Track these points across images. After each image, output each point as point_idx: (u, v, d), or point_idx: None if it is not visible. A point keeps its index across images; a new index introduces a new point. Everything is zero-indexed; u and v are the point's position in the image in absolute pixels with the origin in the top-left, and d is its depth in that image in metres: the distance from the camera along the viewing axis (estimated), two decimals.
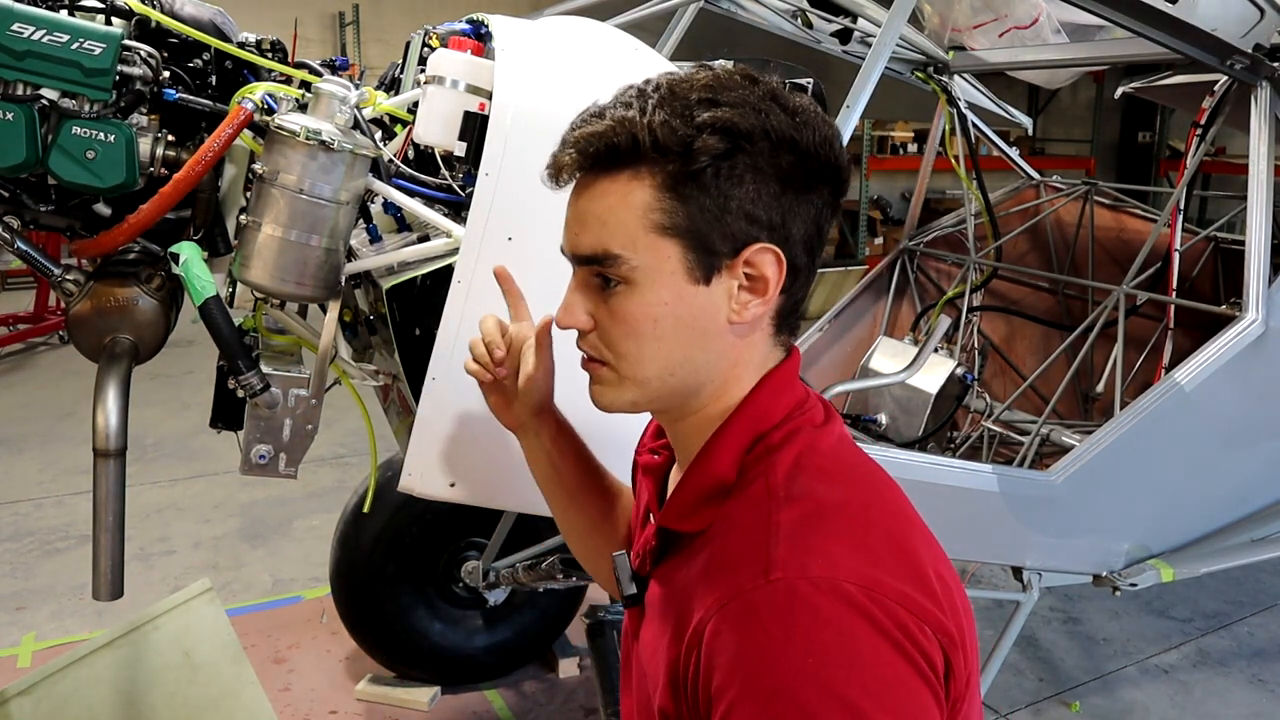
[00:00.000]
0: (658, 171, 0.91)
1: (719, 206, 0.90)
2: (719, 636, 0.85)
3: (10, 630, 3.49)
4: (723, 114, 0.89)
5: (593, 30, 1.92)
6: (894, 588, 0.85)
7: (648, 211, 0.91)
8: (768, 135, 0.90)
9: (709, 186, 0.90)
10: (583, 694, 3.20)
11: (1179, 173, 3.38)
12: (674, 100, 0.91)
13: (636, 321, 0.95)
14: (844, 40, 3.40)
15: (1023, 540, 2.45)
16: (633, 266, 0.93)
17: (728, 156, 0.89)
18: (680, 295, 0.93)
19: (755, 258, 0.93)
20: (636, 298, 0.94)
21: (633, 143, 0.90)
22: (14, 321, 7.18)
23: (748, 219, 0.91)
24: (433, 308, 1.57)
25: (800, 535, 0.88)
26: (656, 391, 0.99)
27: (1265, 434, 2.71)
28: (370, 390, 1.86)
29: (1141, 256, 3.13)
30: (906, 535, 0.92)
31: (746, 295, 0.94)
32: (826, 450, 0.97)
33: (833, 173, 0.95)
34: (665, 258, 0.92)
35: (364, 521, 3.00)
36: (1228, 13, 2.56)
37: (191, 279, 1.52)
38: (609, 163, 0.92)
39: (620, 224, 0.92)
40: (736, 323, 0.95)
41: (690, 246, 0.92)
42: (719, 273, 0.93)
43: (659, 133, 0.89)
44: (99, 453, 1.52)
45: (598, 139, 0.92)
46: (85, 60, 1.44)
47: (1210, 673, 3.45)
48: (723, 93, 0.91)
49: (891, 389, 3.31)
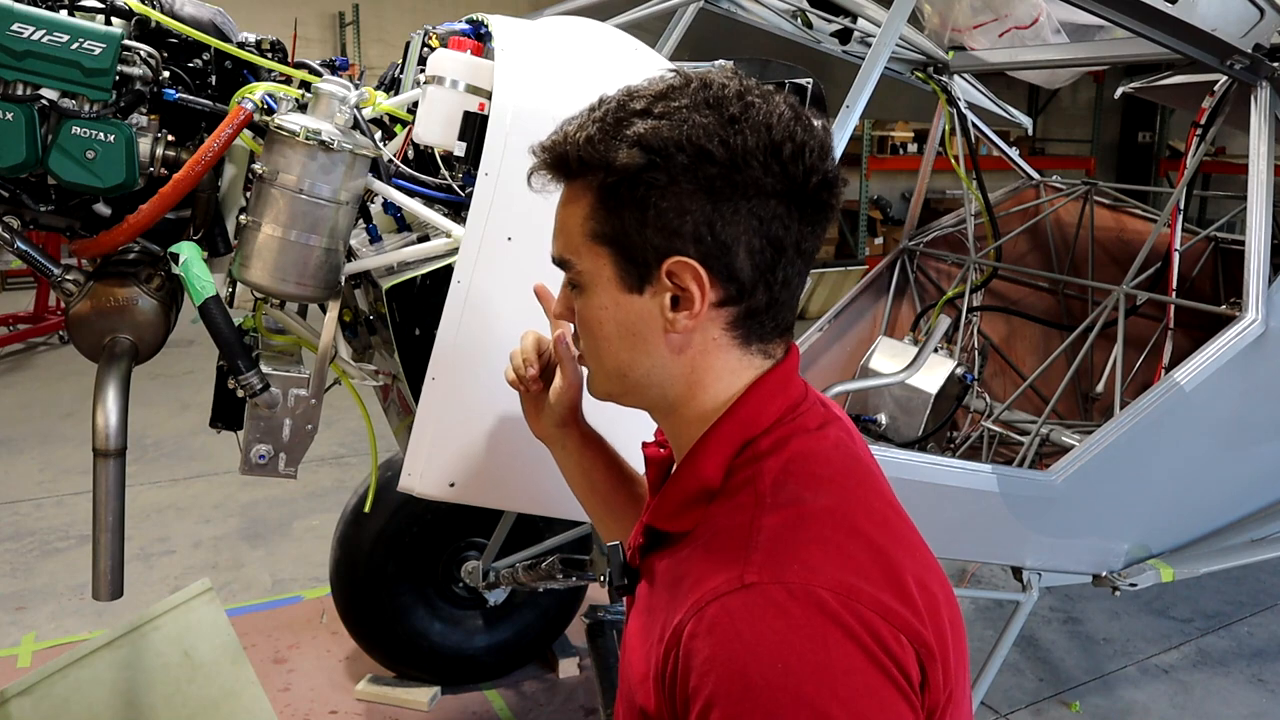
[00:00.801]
0: (593, 183, 0.94)
1: (638, 220, 0.92)
2: (695, 638, 0.85)
3: (10, 630, 3.49)
4: (645, 127, 0.91)
5: (593, 30, 1.92)
6: (871, 596, 0.85)
7: (586, 220, 0.96)
8: (683, 148, 0.90)
9: (628, 200, 0.92)
10: (583, 694, 3.20)
11: (1179, 173, 3.38)
12: (617, 113, 0.94)
13: (587, 323, 1.01)
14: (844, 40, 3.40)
15: (1023, 540, 2.45)
16: (579, 271, 0.99)
17: (644, 170, 0.91)
18: (617, 302, 0.97)
19: (674, 269, 0.93)
20: (585, 300, 1.00)
21: (565, 158, 0.96)
22: (14, 321, 7.18)
23: (667, 232, 0.92)
24: (432, 308, 1.57)
25: (780, 541, 0.88)
26: (620, 387, 1.03)
27: (1265, 434, 2.71)
28: (370, 390, 1.86)
29: (1141, 256, 3.13)
30: (890, 544, 0.92)
31: (676, 308, 0.95)
32: (818, 456, 0.97)
33: (782, 180, 0.92)
34: (601, 265, 0.97)
35: (364, 521, 3.00)
36: (1228, 13, 2.56)
37: (191, 279, 1.52)
38: (559, 172, 0.98)
39: (569, 231, 0.98)
40: (671, 333, 0.96)
41: (620, 256, 0.95)
42: (650, 284, 0.95)
43: (582, 150, 0.94)
44: (99, 453, 1.52)
45: (546, 152, 0.98)
46: (85, 60, 1.44)
47: (1210, 673, 3.45)
48: (661, 102, 0.93)
49: (891, 389, 3.31)
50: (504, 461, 1.66)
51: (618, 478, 1.36)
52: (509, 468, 1.66)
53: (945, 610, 0.92)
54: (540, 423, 1.32)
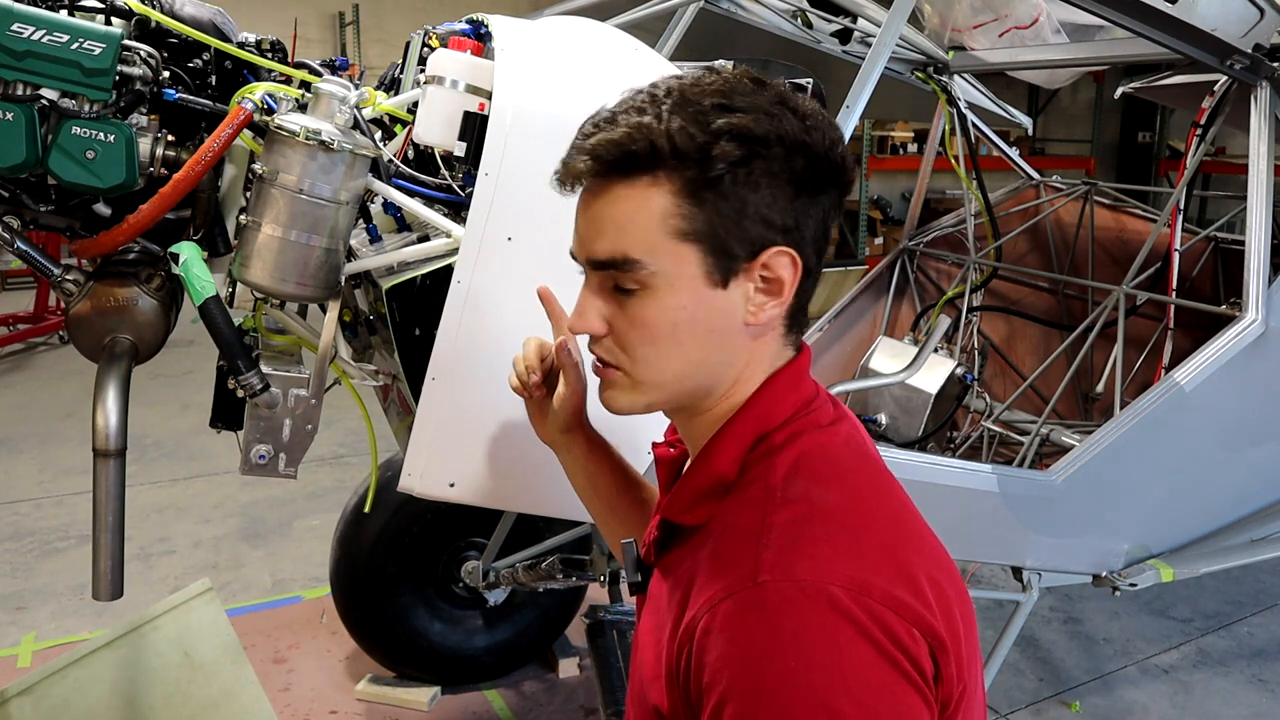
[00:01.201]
0: (676, 177, 0.91)
1: (736, 211, 0.91)
2: (709, 635, 0.86)
3: (10, 630, 3.49)
4: (738, 120, 0.90)
5: (592, 30, 1.92)
6: (882, 590, 0.85)
7: (666, 217, 0.92)
8: (782, 140, 0.91)
9: (726, 192, 0.91)
10: (583, 694, 3.20)
11: (1179, 173, 3.37)
12: (687, 106, 0.92)
13: (655, 326, 0.95)
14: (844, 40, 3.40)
15: (1023, 540, 2.45)
16: (652, 272, 0.93)
17: (744, 162, 0.90)
18: (699, 299, 0.94)
19: (772, 260, 0.94)
20: (655, 303, 0.94)
21: (651, 149, 0.91)
22: (14, 321, 7.18)
23: (764, 223, 0.92)
24: (432, 308, 1.57)
25: (791, 538, 0.88)
26: (672, 394, 1.00)
27: (1265, 434, 2.71)
28: (370, 390, 1.86)
29: (1141, 256, 3.13)
30: (901, 539, 0.93)
31: (763, 297, 0.96)
32: (829, 452, 0.98)
33: (840, 174, 0.97)
34: (684, 263, 0.93)
35: (364, 521, 3.00)
36: (1228, 13, 2.56)
37: (191, 279, 1.52)
38: (626, 168, 0.92)
39: (639, 229, 0.93)
40: (752, 324, 0.97)
41: (709, 251, 0.93)
42: (736, 276, 0.94)
43: (677, 139, 0.90)
44: (99, 453, 1.52)
45: (615, 146, 0.92)
46: (85, 60, 1.44)
47: (1210, 673, 3.45)
48: (735, 98, 0.92)
49: (891, 389, 3.31)
50: (504, 462, 1.66)
51: (623, 482, 1.36)
52: (509, 468, 1.66)
53: (957, 605, 0.92)
54: (546, 428, 1.32)
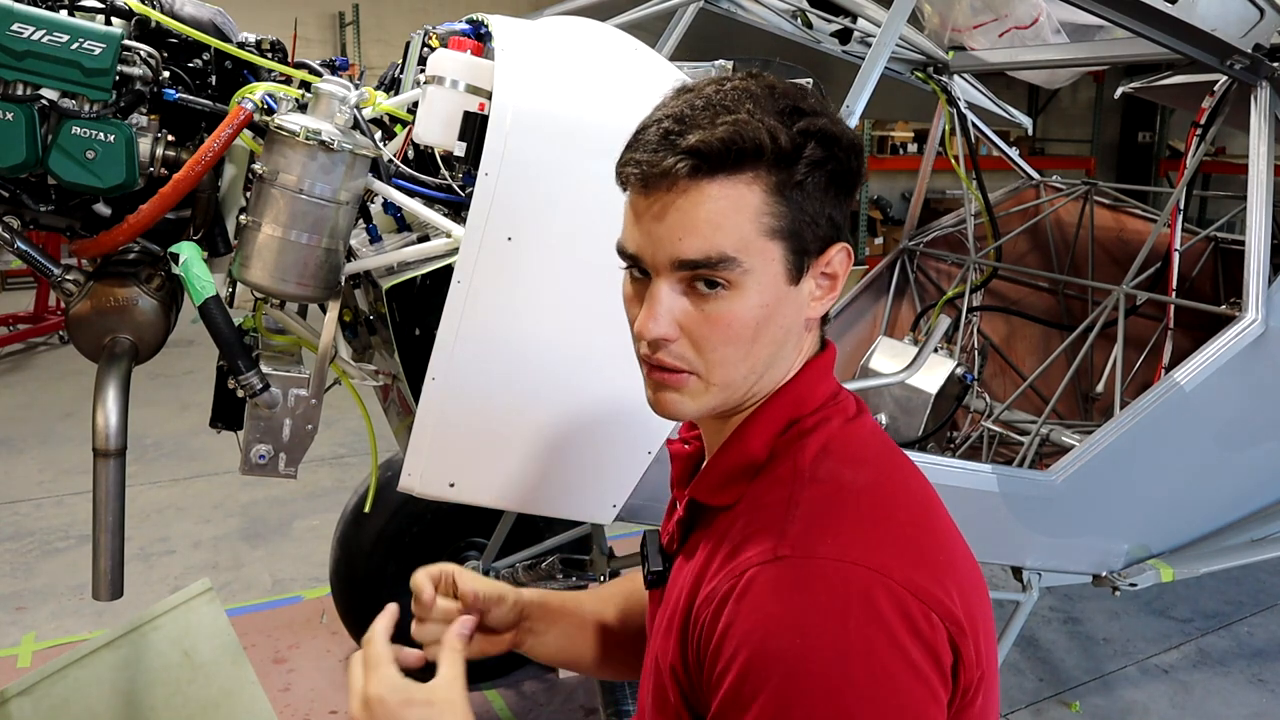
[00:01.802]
0: (770, 176, 0.92)
1: (815, 210, 0.95)
2: (725, 602, 0.88)
3: (10, 630, 3.49)
4: (819, 123, 0.94)
5: (592, 30, 1.92)
6: (903, 574, 0.86)
7: (759, 215, 0.92)
8: (851, 144, 0.96)
9: (810, 191, 0.94)
10: (583, 694, 3.20)
11: (1179, 173, 3.37)
12: (768, 107, 0.93)
13: (739, 325, 0.94)
14: (844, 40, 3.40)
15: (1023, 540, 2.45)
16: (744, 270, 0.93)
17: (824, 164, 0.94)
18: (779, 297, 0.96)
19: (835, 256, 0.98)
20: (740, 301, 0.94)
21: (756, 148, 0.91)
22: (14, 321, 7.17)
23: (830, 221, 0.97)
24: (433, 308, 1.57)
25: (816, 516, 0.90)
26: (737, 394, 0.99)
27: (1265, 434, 2.71)
28: (370, 390, 1.86)
29: (1141, 256, 3.13)
30: (925, 525, 0.94)
31: (820, 291, 1.00)
32: (857, 439, 1.01)
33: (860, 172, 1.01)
34: (771, 260, 0.94)
35: (364, 521, 3.00)
36: (1228, 13, 2.56)
37: (191, 279, 1.52)
38: (728, 166, 0.91)
39: (735, 227, 0.92)
40: (810, 318, 1.01)
41: (791, 249, 0.95)
42: (806, 273, 0.97)
43: (781, 139, 0.91)
44: (99, 453, 1.52)
45: (722, 144, 0.90)
46: (85, 60, 1.44)
47: (1210, 673, 3.45)
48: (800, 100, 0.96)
49: (891, 389, 3.31)
50: (504, 462, 1.66)
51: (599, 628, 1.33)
52: (509, 468, 1.66)
53: (975, 593, 0.94)
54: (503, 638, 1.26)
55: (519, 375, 1.62)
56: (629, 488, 1.74)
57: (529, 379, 1.62)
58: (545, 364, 1.61)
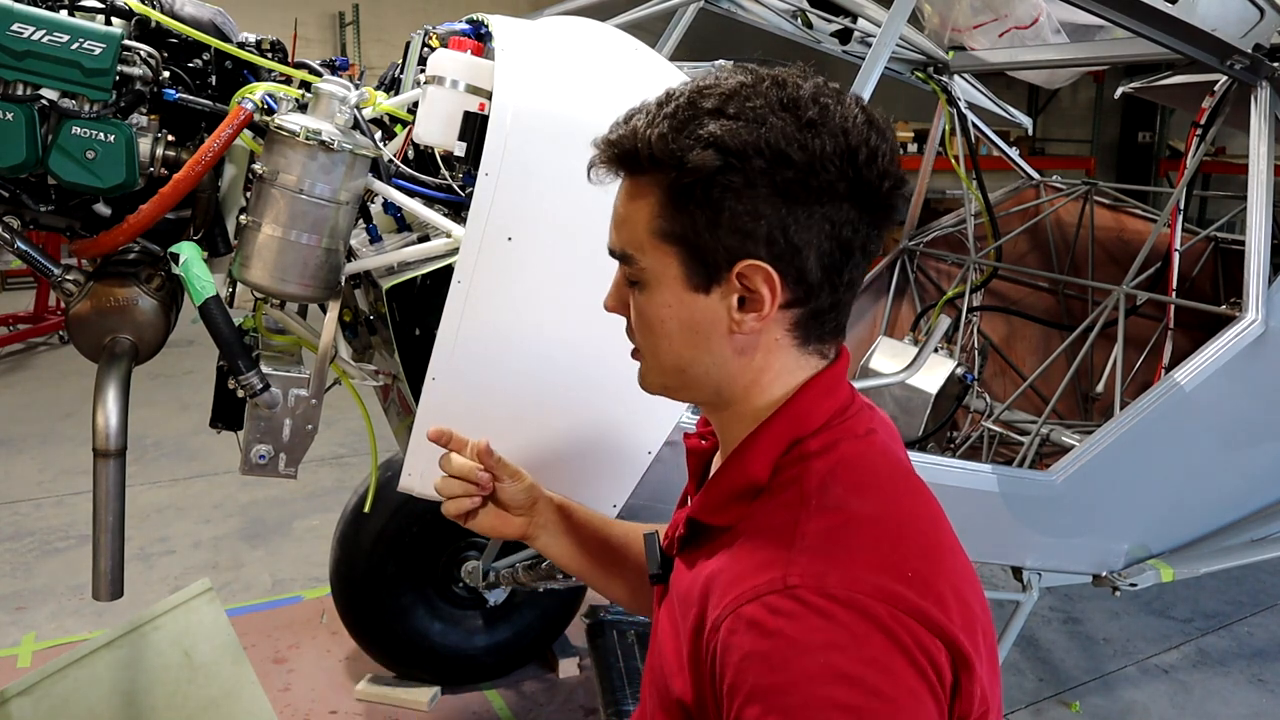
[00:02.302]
0: (662, 180, 0.93)
1: (710, 221, 0.91)
2: (734, 635, 0.86)
3: (10, 630, 3.49)
4: (720, 127, 0.89)
5: (592, 30, 1.92)
6: (912, 604, 0.85)
7: (653, 217, 0.95)
8: (761, 152, 0.88)
9: (701, 200, 0.91)
10: (583, 694, 3.20)
11: (1179, 173, 3.37)
12: (687, 110, 0.92)
13: (652, 319, 0.99)
14: (844, 40, 3.40)
15: (1023, 540, 2.45)
16: (642, 268, 0.97)
17: (720, 172, 0.89)
18: (681, 300, 0.96)
19: (746, 271, 0.92)
20: (647, 297, 0.98)
21: (634, 154, 0.94)
22: (14, 321, 7.17)
23: (740, 234, 0.91)
24: (433, 308, 1.57)
25: (825, 546, 0.88)
26: (677, 382, 1.02)
27: (1265, 434, 2.71)
28: (370, 390, 1.86)
29: (1141, 256, 3.13)
30: (933, 555, 0.92)
31: (743, 310, 0.95)
32: (865, 461, 0.98)
33: (856, 184, 0.91)
34: (667, 264, 0.95)
35: (364, 521, 3.00)
36: (1228, 13, 2.56)
37: (191, 279, 1.52)
38: (627, 166, 0.96)
39: (634, 226, 0.96)
40: (736, 334, 0.96)
41: (688, 255, 0.94)
42: (719, 284, 0.94)
43: (654, 147, 0.92)
44: (99, 453, 1.52)
45: (613, 146, 0.96)
46: (85, 60, 1.44)
47: (1210, 673, 3.45)
48: (734, 102, 0.91)
49: (891, 389, 3.31)
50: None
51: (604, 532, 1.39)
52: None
53: (980, 624, 0.92)
54: (512, 521, 1.32)
55: (519, 375, 1.62)
56: (629, 488, 1.74)
57: (529, 379, 1.62)
58: (545, 364, 1.61)
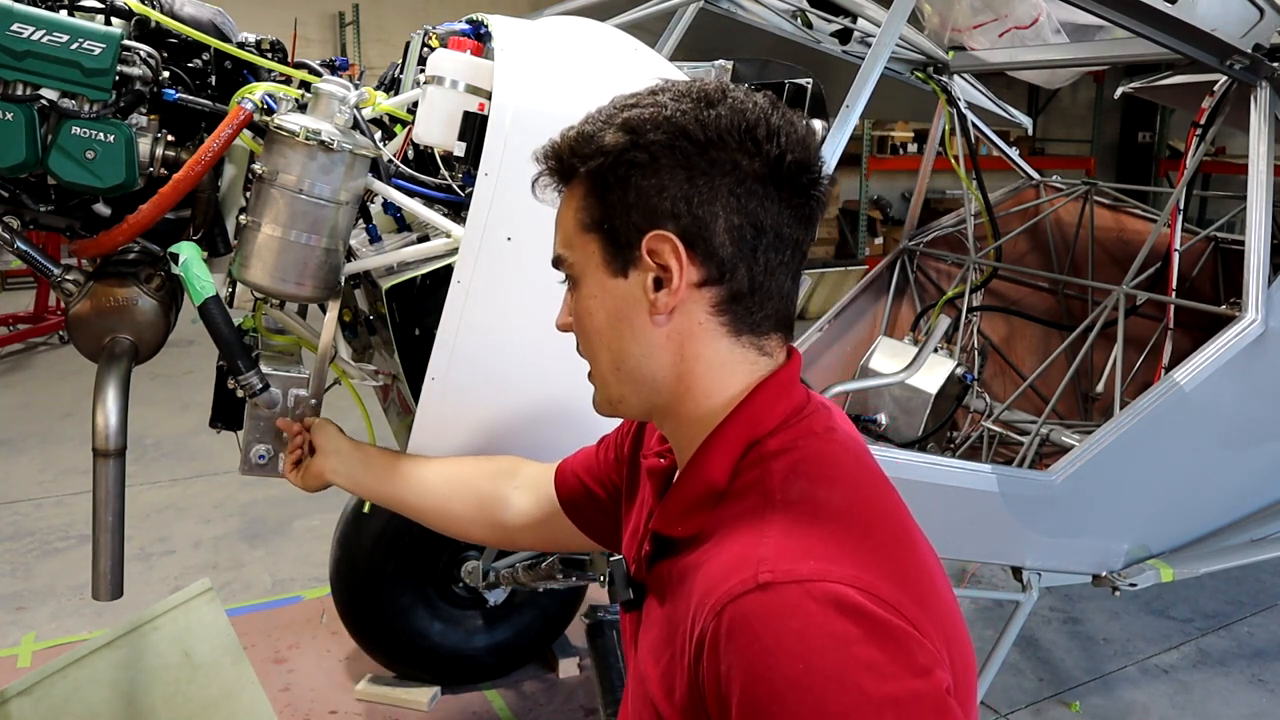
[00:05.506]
0: (582, 175, 0.97)
1: (623, 200, 0.95)
2: (718, 644, 0.84)
3: (10, 630, 3.49)
4: (630, 114, 0.95)
5: (592, 30, 1.92)
6: (888, 590, 0.84)
7: (577, 212, 0.99)
8: (660, 126, 0.93)
9: (613, 182, 0.95)
10: (583, 694, 3.20)
11: (1179, 173, 3.37)
12: (608, 110, 0.98)
13: (584, 318, 1.02)
14: (844, 40, 3.40)
15: (1023, 540, 2.45)
16: (571, 264, 1.01)
17: (626, 150, 0.94)
18: (604, 288, 0.99)
19: (653, 244, 0.95)
20: (578, 294, 1.02)
21: (559, 155, 0.99)
22: (14, 321, 7.18)
23: (647, 210, 0.94)
24: (432, 308, 1.57)
25: (792, 538, 0.87)
26: (617, 390, 1.03)
27: (1265, 434, 2.71)
28: (370, 390, 1.86)
29: (1141, 256, 3.13)
30: (901, 544, 0.92)
31: (656, 286, 0.96)
32: (826, 457, 0.97)
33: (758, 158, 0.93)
34: (590, 253, 0.99)
35: (364, 521, 3.00)
36: (1228, 13, 2.57)
37: (191, 279, 1.52)
38: (561, 173, 1.00)
39: (564, 227, 1.01)
40: (655, 314, 0.97)
41: (606, 240, 0.97)
42: (634, 265, 0.97)
43: (574, 142, 0.97)
44: (99, 453, 1.52)
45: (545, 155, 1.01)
46: (85, 60, 1.44)
47: (1210, 673, 3.45)
48: (648, 97, 0.97)
49: (891, 389, 3.31)
50: None
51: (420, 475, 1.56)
52: None
53: (950, 616, 0.91)
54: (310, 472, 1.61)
55: (519, 375, 1.62)
56: None
57: (529, 379, 1.62)
58: (545, 364, 1.61)
